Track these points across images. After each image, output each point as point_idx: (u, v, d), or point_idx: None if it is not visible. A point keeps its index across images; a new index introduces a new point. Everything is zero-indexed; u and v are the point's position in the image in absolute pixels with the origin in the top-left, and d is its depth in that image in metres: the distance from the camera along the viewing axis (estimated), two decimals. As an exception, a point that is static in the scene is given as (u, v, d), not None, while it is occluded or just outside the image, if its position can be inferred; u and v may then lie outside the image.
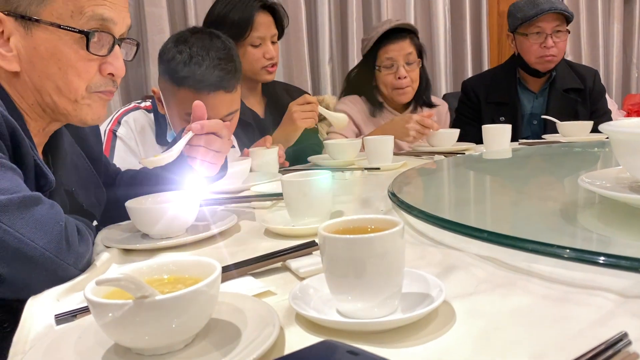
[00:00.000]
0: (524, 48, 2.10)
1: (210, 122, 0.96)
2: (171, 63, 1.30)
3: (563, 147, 1.63)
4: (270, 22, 1.83)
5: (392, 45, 2.01)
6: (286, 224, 0.89)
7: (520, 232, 0.69)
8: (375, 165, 1.46)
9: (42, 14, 0.79)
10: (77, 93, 0.83)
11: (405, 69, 2.02)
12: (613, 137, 0.71)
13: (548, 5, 1.99)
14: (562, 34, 2.06)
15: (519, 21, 2.08)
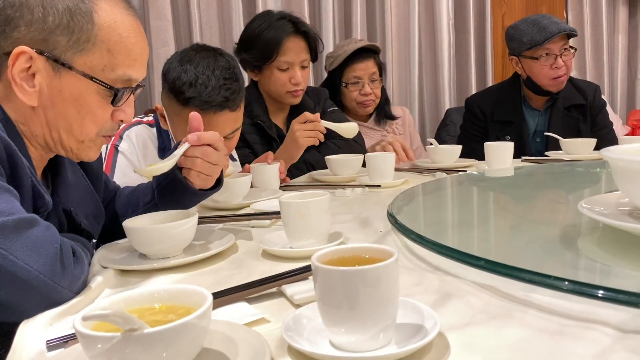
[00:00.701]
0: (535, 71, 2.09)
1: (207, 134, 0.96)
2: (176, 83, 1.29)
3: (565, 166, 1.63)
4: (302, 48, 1.81)
5: (359, 64, 2.16)
6: (284, 245, 0.88)
7: (519, 259, 0.68)
8: (376, 182, 1.45)
9: (76, 61, 0.80)
10: (87, 136, 0.85)
11: (369, 87, 2.17)
12: (613, 164, 0.70)
13: (556, 28, 1.99)
14: (568, 52, 2.07)
15: (526, 45, 2.06)
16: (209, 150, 0.95)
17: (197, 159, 0.95)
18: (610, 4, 3.53)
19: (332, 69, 2.21)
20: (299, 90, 1.82)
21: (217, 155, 0.97)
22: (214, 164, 0.97)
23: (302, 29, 1.81)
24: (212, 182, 1.00)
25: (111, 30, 0.81)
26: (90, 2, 0.80)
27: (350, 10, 2.89)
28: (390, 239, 0.90)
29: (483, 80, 3.21)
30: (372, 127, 2.27)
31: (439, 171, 1.65)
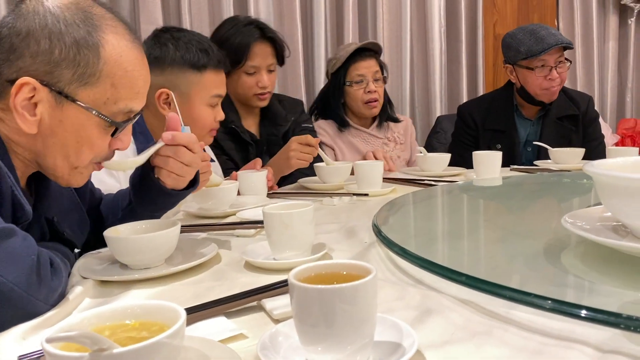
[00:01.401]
0: (529, 81, 2.09)
1: (182, 135, 0.95)
2: (188, 52, 1.37)
3: (553, 176, 1.63)
4: (268, 53, 1.88)
5: (362, 63, 2.15)
6: (267, 256, 0.88)
7: (501, 274, 0.68)
8: (364, 190, 1.45)
9: (80, 94, 0.79)
10: (82, 163, 0.84)
11: (374, 85, 2.15)
12: (596, 179, 0.70)
13: (553, 40, 2.00)
14: (563, 64, 2.07)
15: (522, 55, 2.06)
16: (182, 151, 0.94)
17: (169, 159, 0.94)
18: (600, 12, 3.56)
19: (334, 71, 2.19)
20: (265, 93, 1.88)
21: (191, 156, 0.95)
22: (186, 164, 0.95)
23: (269, 35, 1.88)
24: (184, 183, 0.99)
25: (117, 64, 0.81)
26: (97, 36, 0.79)
27: (342, 16, 2.89)
28: (375, 250, 0.89)
29: (474, 87, 3.21)
30: (374, 134, 2.25)
31: (428, 179, 1.66)
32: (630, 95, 3.68)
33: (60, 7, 0.78)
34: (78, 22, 0.78)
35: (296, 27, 2.78)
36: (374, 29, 2.98)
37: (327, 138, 2.19)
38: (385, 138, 2.27)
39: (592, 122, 2.20)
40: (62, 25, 0.77)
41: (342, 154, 2.17)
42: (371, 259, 0.84)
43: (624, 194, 0.67)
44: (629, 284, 0.64)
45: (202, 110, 1.43)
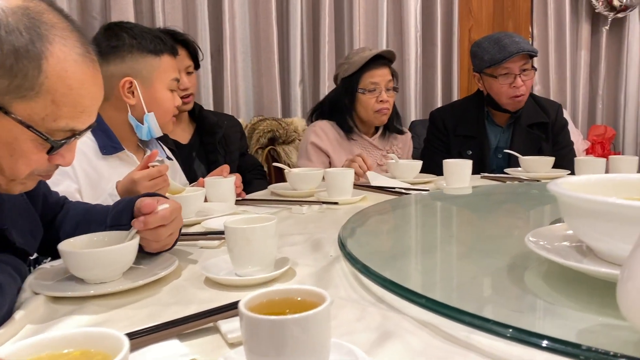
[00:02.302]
0: (494, 89, 2.12)
1: (153, 219, 0.87)
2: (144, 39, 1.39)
3: (521, 187, 1.64)
4: (183, 55, 1.89)
5: (377, 71, 2.08)
6: (229, 271, 0.85)
7: (463, 296, 0.67)
8: (334, 199, 1.43)
9: (15, 107, 0.72)
10: (19, 176, 0.78)
11: (386, 94, 2.09)
12: (559, 199, 0.69)
13: (515, 48, 2.01)
14: (529, 72, 2.08)
15: (486, 63, 2.09)
16: (160, 232, 0.89)
17: (150, 240, 0.90)
18: (573, 20, 3.61)
19: (346, 76, 2.12)
20: (188, 95, 1.90)
21: (171, 228, 0.90)
22: (170, 235, 0.92)
23: (180, 39, 1.90)
24: (170, 245, 0.95)
25: (60, 80, 0.74)
26: (42, 46, 0.72)
27: (319, 17, 2.87)
28: (339, 266, 0.87)
29: (449, 92, 3.23)
30: (374, 145, 2.20)
31: (399, 186, 1.65)
32: (601, 102, 3.75)
33: (6, 11, 0.71)
34: (22, 29, 0.71)
35: (272, 28, 2.75)
36: (350, 32, 2.97)
37: (325, 142, 2.13)
38: (385, 150, 2.22)
39: (561, 129, 2.22)
40: (2, 30, 0.70)
41: (340, 159, 2.08)
42: (334, 275, 0.83)
43: (586, 216, 0.66)
44: (591, 307, 0.63)
45: (164, 94, 1.44)
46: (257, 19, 2.78)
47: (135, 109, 1.41)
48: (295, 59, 2.83)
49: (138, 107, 1.40)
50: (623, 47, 3.74)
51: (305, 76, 2.92)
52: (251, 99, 2.81)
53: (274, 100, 2.80)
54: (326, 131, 2.14)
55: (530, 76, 2.08)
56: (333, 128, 2.16)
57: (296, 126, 2.64)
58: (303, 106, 2.90)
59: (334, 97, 2.21)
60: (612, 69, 3.78)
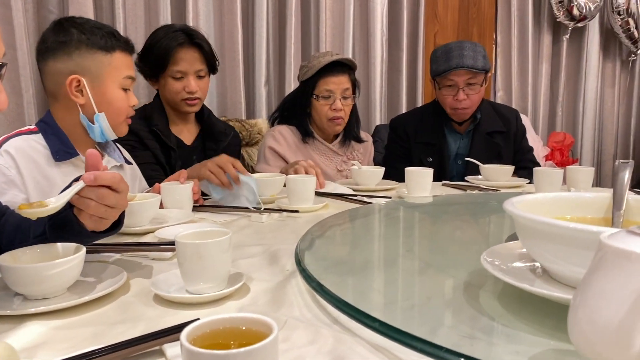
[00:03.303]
0: (440, 98, 2.19)
1: (105, 175, 0.85)
2: (94, 35, 1.33)
3: (480, 197, 1.66)
4: (195, 58, 1.85)
5: (333, 78, 2.06)
6: (180, 287, 0.82)
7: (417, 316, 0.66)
8: (294, 206, 1.41)
9: None
10: None
11: (341, 103, 2.06)
12: (515, 220, 0.69)
13: (456, 63, 2.04)
14: (475, 87, 2.10)
15: (433, 72, 2.15)
16: (105, 193, 0.85)
17: (91, 201, 0.86)
18: (536, 29, 3.68)
19: (304, 79, 2.12)
20: (194, 99, 1.86)
21: (116, 198, 0.87)
22: (110, 207, 0.88)
23: (196, 40, 1.86)
24: (107, 225, 0.91)
25: None
26: None
27: (285, 19, 2.84)
28: (295, 281, 0.85)
29: (413, 97, 3.25)
30: (334, 151, 2.19)
31: (361, 193, 1.65)
32: (561, 109, 3.84)
33: None
34: None
35: (237, 28, 2.71)
36: (317, 33, 2.95)
37: (284, 147, 2.11)
38: (345, 156, 2.21)
39: (522, 137, 2.27)
40: None
41: None
42: (289, 292, 0.81)
43: (540, 237, 0.66)
44: (544, 330, 0.63)
45: (115, 93, 1.38)
46: (221, 18, 2.73)
47: (86, 108, 1.34)
48: (260, 60, 2.80)
49: (88, 107, 1.34)
50: (582, 55, 3.84)
51: (271, 77, 2.89)
52: (214, 100, 2.77)
53: (238, 101, 2.77)
54: (285, 136, 2.13)
55: (476, 90, 2.10)
56: (292, 133, 2.14)
57: (260, 128, 2.61)
58: (268, 107, 2.87)
59: (291, 100, 2.21)
60: (572, 77, 3.88)
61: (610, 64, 4.01)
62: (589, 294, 0.49)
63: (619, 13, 3.73)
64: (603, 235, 0.50)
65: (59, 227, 0.90)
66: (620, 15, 3.73)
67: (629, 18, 3.74)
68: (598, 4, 3.63)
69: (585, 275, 0.51)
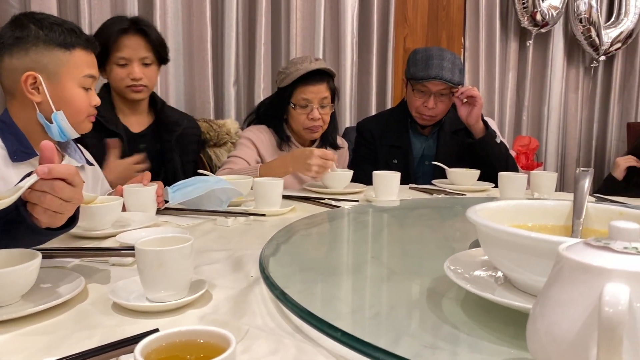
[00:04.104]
0: (409, 100, 2.21)
1: (60, 167, 0.82)
2: (53, 31, 1.29)
3: (446, 202, 1.67)
4: (140, 45, 1.86)
5: (310, 87, 2.01)
6: (140, 295, 0.80)
7: (380, 325, 0.65)
8: (261, 210, 1.40)
9: None
10: None
11: (319, 111, 2.03)
12: (477, 228, 0.70)
13: (435, 73, 2.06)
14: (445, 98, 2.15)
15: (409, 74, 2.17)
16: (60, 186, 0.83)
17: (46, 195, 0.83)
18: (503, 34, 3.75)
19: (281, 86, 2.07)
20: (139, 85, 1.86)
21: (71, 191, 0.84)
22: (66, 200, 0.85)
23: (140, 27, 1.86)
24: (62, 221, 0.88)
25: None
26: None
27: (255, 19, 2.82)
28: (258, 289, 0.84)
29: (383, 100, 3.26)
30: None
31: (329, 196, 1.64)
32: (527, 114, 3.91)
33: None
34: None
35: (205, 27, 2.68)
36: (287, 34, 2.94)
37: (261, 143, 2.08)
38: None
39: None
40: None
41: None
42: (253, 300, 0.79)
43: (502, 246, 0.67)
44: (504, 338, 0.64)
45: (75, 92, 1.33)
46: (190, 17, 2.69)
47: (43, 106, 1.30)
48: (229, 59, 2.77)
49: (45, 105, 1.30)
50: (548, 61, 3.93)
51: (240, 77, 2.86)
52: (182, 99, 2.73)
53: (206, 100, 2.73)
54: (263, 132, 2.11)
55: (445, 101, 2.15)
56: (269, 135, 2.12)
57: (229, 128, 2.57)
58: (237, 108, 2.84)
59: (268, 105, 2.18)
60: (537, 81, 3.96)
61: (574, 70, 4.11)
62: (547, 305, 0.50)
63: (580, 21, 3.83)
64: (561, 247, 0.51)
65: (11, 225, 0.87)
66: (582, 23, 3.83)
67: (590, 26, 3.84)
68: (560, 10, 3.72)
69: (544, 286, 0.52)
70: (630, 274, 0.43)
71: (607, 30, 3.94)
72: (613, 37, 3.95)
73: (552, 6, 3.68)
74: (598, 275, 0.44)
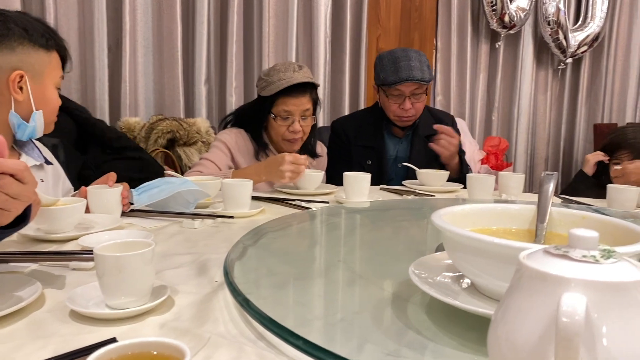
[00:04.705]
0: (385, 105, 2.22)
1: (9, 162, 0.78)
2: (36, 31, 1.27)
3: (415, 203, 1.68)
4: None
5: (292, 100, 1.95)
6: (100, 301, 0.77)
7: (344, 335, 0.65)
8: (230, 211, 1.38)
9: None
10: None
11: (300, 123, 1.97)
12: (442, 233, 0.69)
13: (405, 75, 2.08)
14: (420, 96, 2.16)
15: (380, 81, 2.17)
16: (7, 181, 0.79)
17: None
18: (474, 35, 3.79)
19: (262, 95, 2.00)
20: None
21: (20, 188, 0.80)
22: (13, 197, 0.81)
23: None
24: (8, 219, 0.84)
25: None
26: None
27: (227, 17, 2.79)
28: (222, 294, 0.82)
29: (356, 100, 3.27)
30: None
31: (300, 197, 1.63)
32: (497, 114, 3.97)
33: None
34: None
35: (176, 24, 2.64)
36: (260, 33, 2.92)
37: (237, 149, 2.02)
38: None
39: None
40: None
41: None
42: (216, 306, 0.78)
43: (465, 251, 0.67)
44: (467, 344, 0.64)
45: (52, 92, 1.34)
46: (160, 13, 2.65)
47: (21, 105, 1.27)
48: (200, 57, 2.74)
49: (25, 104, 1.26)
50: (517, 63, 3.99)
51: (212, 75, 2.83)
52: (151, 97, 2.68)
53: (176, 99, 2.69)
54: (240, 136, 2.04)
55: (421, 99, 2.17)
56: (247, 141, 2.05)
57: (199, 127, 2.54)
58: (208, 106, 2.81)
59: (249, 109, 2.10)
60: (507, 83, 4.02)
61: (543, 71, 4.18)
62: (508, 312, 0.49)
63: (549, 23, 3.90)
64: (522, 255, 0.50)
65: None
66: (550, 25, 3.91)
67: (558, 29, 3.92)
68: (528, 12, 3.78)
69: (505, 293, 0.51)
70: (587, 283, 0.43)
71: (574, 33, 4.02)
72: (580, 39, 4.04)
73: (520, 8, 3.74)
74: (556, 285, 0.44)
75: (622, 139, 2.27)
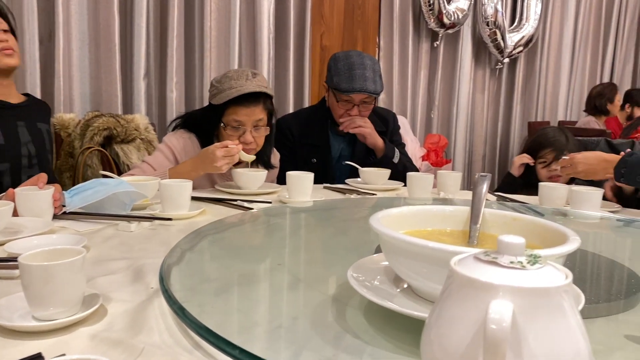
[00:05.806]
0: (333, 107, 2.24)
1: None
2: None
3: (357, 203, 1.70)
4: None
5: (243, 109, 1.82)
6: (26, 313, 0.74)
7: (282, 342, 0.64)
8: (168, 213, 1.34)
9: None
10: None
11: (252, 134, 1.85)
12: (379, 236, 0.70)
13: (360, 85, 2.10)
14: (369, 105, 2.21)
15: (333, 84, 2.18)
16: None
17: None
18: (415, 35, 3.87)
19: (212, 103, 1.88)
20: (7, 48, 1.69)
21: None
22: None
23: None
24: None
25: None
26: None
27: (167, 11, 2.71)
28: (158, 301, 0.80)
29: (300, 97, 3.27)
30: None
31: (243, 197, 1.61)
32: (437, 112, 4.07)
33: None
34: None
35: (113, 16, 2.54)
36: (201, 27, 2.86)
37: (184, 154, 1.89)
38: None
39: (396, 133, 2.42)
40: None
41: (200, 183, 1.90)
42: (151, 315, 0.75)
43: (400, 254, 0.68)
44: (403, 347, 0.65)
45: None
46: (96, 4, 2.54)
47: None
48: (139, 51, 2.65)
49: None
50: (456, 62, 4.10)
51: (151, 70, 2.75)
52: (87, 92, 2.58)
53: (113, 94, 2.60)
54: (189, 144, 1.92)
55: (368, 108, 2.21)
56: (196, 147, 1.92)
57: (137, 124, 2.45)
58: (147, 102, 2.73)
59: (200, 116, 1.98)
60: (447, 81, 4.13)
61: (481, 71, 4.32)
62: (441, 318, 0.50)
63: (487, 24, 4.03)
64: (453, 261, 0.52)
65: None
66: (489, 26, 4.04)
67: (496, 29, 4.06)
68: (466, 12, 3.89)
69: (439, 297, 0.52)
70: (514, 290, 0.45)
71: (510, 34, 4.17)
72: (516, 40, 4.20)
73: (459, 8, 3.84)
74: (485, 291, 0.45)
75: (544, 139, 2.41)
